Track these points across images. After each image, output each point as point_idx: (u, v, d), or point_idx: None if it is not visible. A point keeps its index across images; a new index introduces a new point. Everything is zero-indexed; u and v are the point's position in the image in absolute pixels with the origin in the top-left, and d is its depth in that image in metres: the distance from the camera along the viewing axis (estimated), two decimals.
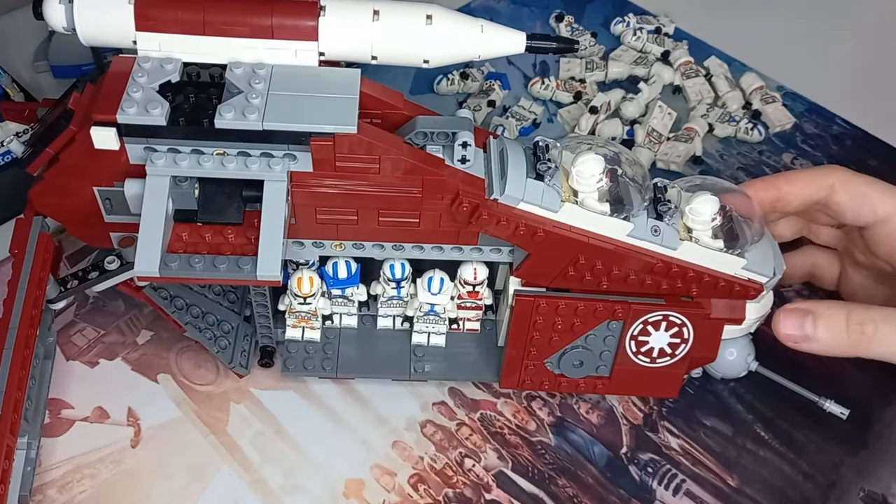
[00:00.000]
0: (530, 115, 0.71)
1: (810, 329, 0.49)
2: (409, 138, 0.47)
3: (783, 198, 0.53)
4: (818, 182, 0.53)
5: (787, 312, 0.49)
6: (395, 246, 0.49)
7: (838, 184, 0.52)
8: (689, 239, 0.48)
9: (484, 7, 0.82)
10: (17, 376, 0.45)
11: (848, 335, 0.48)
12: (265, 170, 0.44)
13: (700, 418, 0.55)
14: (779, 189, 0.53)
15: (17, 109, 0.59)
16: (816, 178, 0.53)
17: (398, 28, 0.44)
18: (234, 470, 0.51)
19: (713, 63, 0.76)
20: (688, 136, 0.70)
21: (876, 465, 0.53)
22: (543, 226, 0.46)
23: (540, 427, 0.54)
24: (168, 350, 0.56)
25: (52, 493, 0.50)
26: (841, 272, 0.58)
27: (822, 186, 0.53)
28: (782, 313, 0.49)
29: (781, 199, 0.53)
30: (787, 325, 0.49)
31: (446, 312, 0.53)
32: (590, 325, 0.50)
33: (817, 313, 0.49)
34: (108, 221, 0.48)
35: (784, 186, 0.53)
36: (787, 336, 0.49)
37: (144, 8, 0.43)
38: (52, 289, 0.50)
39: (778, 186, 0.53)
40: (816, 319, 0.49)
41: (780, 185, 0.53)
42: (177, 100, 0.44)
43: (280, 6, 0.44)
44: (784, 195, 0.53)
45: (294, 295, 0.51)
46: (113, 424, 0.53)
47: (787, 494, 0.52)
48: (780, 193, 0.53)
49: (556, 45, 0.47)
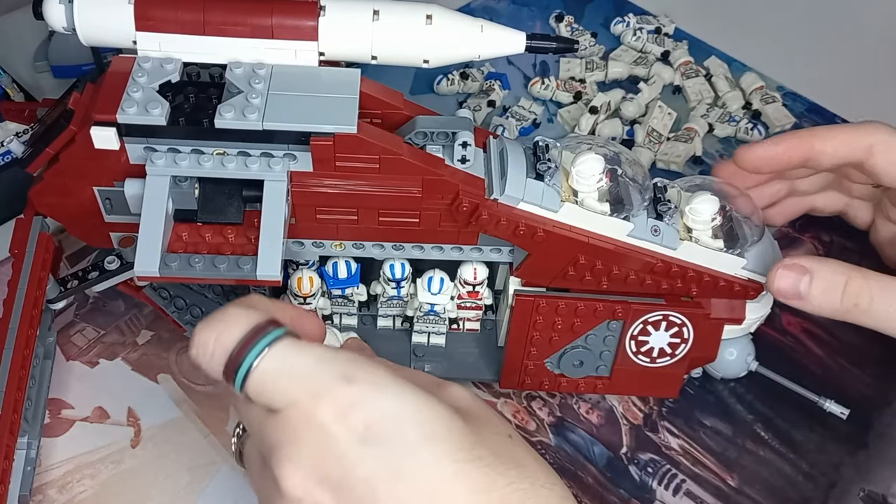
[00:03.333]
0: (530, 115, 0.71)
1: (805, 288, 0.46)
2: (409, 138, 0.47)
3: (814, 157, 0.50)
4: (855, 143, 0.50)
5: (786, 267, 0.46)
6: (395, 246, 0.49)
7: (877, 145, 0.49)
8: (689, 239, 0.48)
9: (484, 7, 0.82)
10: (17, 376, 0.46)
11: (841, 303, 0.46)
12: (265, 170, 0.44)
13: (700, 418, 0.55)
14: (811, 147, 0.50)
15: (17, 109, 0.59)
16: (854, 138, 0.50)
17: (398, 28, 0.44)
18: (234, 470, 0.51)
19: (713, 63, 0.76)
20: (688, 136, 0.70)
21: (876, 465, 0.53)
22: (543, 226, 0.46)
23: (540, 427, 0.54)
24: (168, 350, 0.56)
25: (52, 493, 0.50)
26: (872, 222, 0.56)
27: (858, 147, 0.50)
28: (780, 267, 0.46)
29: (813, 158, 0.51)
30: (783, 279, 0.46)
31: (446, 312, 0.53)
32: (590, 325, 0.50)
33: (816, 274, 0.46)
34: (108, 221, 0.48)
35: (817, 145, 0.50)
36: (779, 290, 0.47)
37: (144, 8, 0.43)
38: (52, 289, 0.50)
39: (811, 144, 0.50)
40: (814, 279, 0.46)
41: (814, 144, 0.50)
42: (177, 100, 0.44)
43: (280, 6, 0.44)
44: (816, 154, 0.50)
45: (294, 295, 0.51)
46: (113, 424, 0.53)
47: (787, 494, 0.52)
48: (812, 153, 0.50)
49: (556, 45, 0.46)
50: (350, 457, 0.35)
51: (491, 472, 0.36)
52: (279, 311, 0.40)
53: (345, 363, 0.37)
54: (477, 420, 0.38)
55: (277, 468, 0.36)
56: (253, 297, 0.40)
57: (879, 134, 0.50)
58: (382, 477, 0.35)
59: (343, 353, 0.38)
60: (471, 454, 0.36)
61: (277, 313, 0.40)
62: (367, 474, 0.35)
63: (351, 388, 0.36)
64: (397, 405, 0.36)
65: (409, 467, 0.35)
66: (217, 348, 0.37)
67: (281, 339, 0.37)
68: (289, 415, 0.36)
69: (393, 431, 0.36)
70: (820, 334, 0.59)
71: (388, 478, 0.35)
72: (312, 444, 0.36)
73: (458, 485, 0.35)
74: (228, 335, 0.37)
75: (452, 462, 0.36)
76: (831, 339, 0.59)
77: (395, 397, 0.36)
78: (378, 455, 0.35)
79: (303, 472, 0.36)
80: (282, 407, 0.37)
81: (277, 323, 0.38)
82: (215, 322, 0.38)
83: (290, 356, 0.37)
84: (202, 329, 0.38)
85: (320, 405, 0.36)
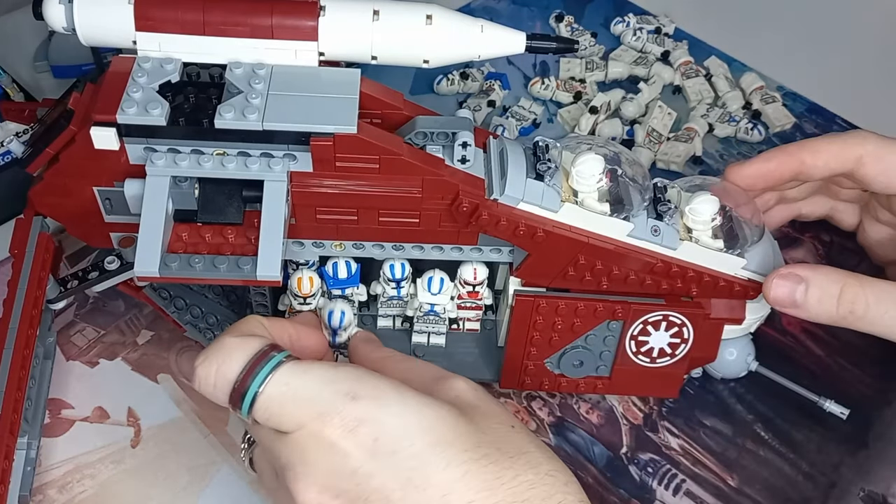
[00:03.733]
0: (530, 115, 0.71)
1: (801, 297, 0.47)
2: (409, 138, 0.47)
3: (805, 171, 0.51)
4: (845, 154, 0.50)
5: (782, 276, 0.47)
6: (394, 246, 0.49)
7: (867, 156, 0.50)
8: (689, 239, 0.48)
9: (484, 7, 0.82)
10: (16, 376, 0.45)
11: (837, 311, 0.47)
12: (265, 170, 0.44)
13: (700, 418, 0.55)
14: (802, 162, 0.51)
15: (17, 109, 0.59)
16: (843, 150, 0.51)
17: (398, 28, 0.44)
18: (234, 470, 0.51)
19: (713, 63, 0.76)
20: (688, 136, 0.70)
21: (876, 465, 0.53)
22: (543, 226, 0.46)
23: (540, 427, 0.54)
24: (168, 350, 0.56)
25: (52, 493, 0.50)
26: (860, 223, 0.57)
27: (849, 159, 0.50)
28: (777, 277, 0.47)
29: (804, 172, 0.51)
30: (779, 289, 0.47)
31: (446, 312, 0.53)
32: (590, 325, 0.50)
33: (811, 282, 0.47)
34: (108, 221, 0.48)
35: (808, 160, 0.51)
36: (776, 300, 0.47)
37: (144, 8, 0.43)
38: (52, 289, 0.50)
39: (801, 160, 0.51)
40: (809, 288, 0.47)
41: (804, 159, 0.51)
42: (177, 100, 0.44)
43: (280, 6, 0.44)
44: (807, 169, 0.51)
45: (294, 295, 0.51)
46: (113, 424, 0.53)
47: (787, 494, 0.52)
48: (804, 167, 0.51)
49: (556, 45, 0.46)
50: (362, 470, 0.37)
51: (497, 467, 0.37)
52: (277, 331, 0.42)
53: (348, 381, 0.38)
54: (479, 413, 0.39)
55: (293, 485, 0.37)
56: (249, 322, 0.41)
57: (868, 144, 0.50)
58: (395, 486, 0.36)
59: (345, 370, 0.39)
60: (476, 453, 0.37)
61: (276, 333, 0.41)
62: (380, 485, 0.36)
63: (357, 406, 0.37)
64: (402, 416, 0.37)
65: (420, 474, 0.36)
66: (219, 380, 0.39)
67: (283, 363, 0.38)
68: (298, 437, 0.38)
69: (401, 442, 0.37)
70: (820, 334, 0.59)
71: (401, 486, 0.36)
72: (324, 462, 0.37)
73: (468, 485, 0.36)
74: (229, 367, 0.38)
75: (460, 464, 0.37)
76: (831, 339, 0.59)
77: (399, 409, 0.38)
78: (389, 466, 0.37)
79: (317, 487, 0.37)
80: (290, 430, 0.38)
81: (277, 347, 0.39)
82: (214, 355, 0.39)
83: (294, 380, 0.38)
84: (201, 363, 0.39)
85: (328, 425, 0.37)
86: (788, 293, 0.47)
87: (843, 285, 0.46)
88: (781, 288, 0.47)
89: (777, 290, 0.47)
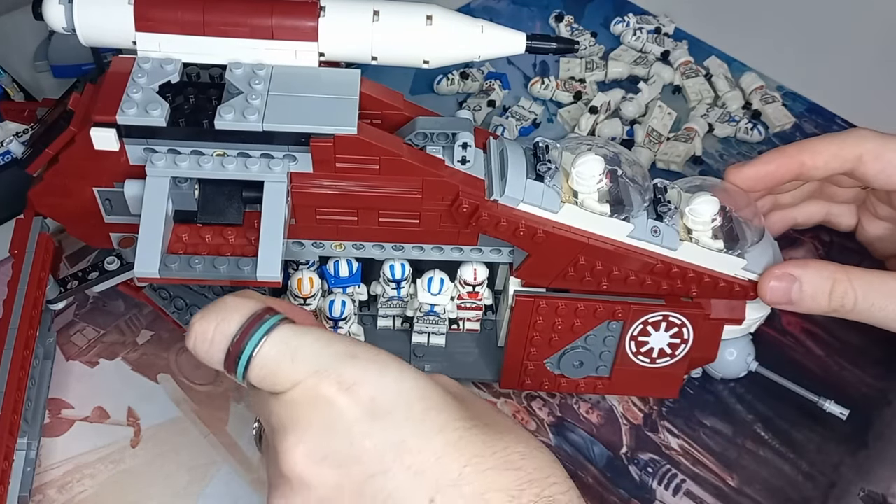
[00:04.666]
0: (530, 115, 0.71)
1: (795, 295, 0.48)
2: (409, 139, 0.47)
3: (805, 172, 0.52)
4: (844, 154, 0.51)
5: (776, 278, 0.48)
6: (395, 246, 0.49)
7: (866, 154, 0.51)
8: (689, 239, 0.48)
9: (484, 7, 0.82)
10: (16, 377, 0.46)
11: (829, 304, 0.49)
12: (265, 171, 0.44)
13: (700, 418, 0.55)
14: (802, 164, 0.52)
15: (17, 109, 0.59)
16: (842, 149, 0.51)
17: (398, 29, 0.44)
18: (234, 470, 0.51)
19: (713, 63, 0.76)
20: (688, 136, 0.70)
21: (876, 465, 0.53)
22: (543, 226, 0.46)
23: (540, 427, 0.54)
24: (168, 350, 0.56)
25: (52, 493, 0.50)
26: (859, 222, 0.58)
27: (848, 159, 0.51)
28: (772, 279, 0.48)
29: (804, 173, 0.52)
30: (774, 291, 0.49)
31: (446, 313, 0.53)
32: (590, 326, 0.50)
33: (804, 280, 0.48)
34: (107, 222, 0.48)
35: (808, 161, 0.51)
36: (772, 300, 0.49)
37: (144, 8, 0.43)
38: (52, 289, 0.50)
39: (801, 161, 0.52)
40: (802, 286, 0.48)
41: (804, 160, 0.52)
42: (177, 101, 0.44)
43: (280, 6, 0.44)
44: (807, 169, 0.52)
45: (294, 296, 0.51)
46: (113, 424, 0.53)
47: (787, 494, 0.52)
48: (803, 168, 0.52)
49: (556, 45, 0.46)
50: (357, 429, 0.36)
51: (488, 437, 0.38)
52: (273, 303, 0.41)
53: (346, 343, 0.38)
54: (465, 400, 0.40)
55: (280, 445, 0.37)
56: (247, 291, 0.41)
57: (867, 143, 0.51)
58: (390, 447, 0.36)
59: (341, 335, 0.39)
60: (468, 423, 0.38)
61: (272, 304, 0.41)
62: (375, 445, 0.36)
63: (355, 365, 0.37)
64: (399, 382, 0.37)
65: (415, 437, 0.37)
66: (217, 336, 0.38)
67: (280, 324, 0.38)
68: (293, 394, 0.37)
69: (398, 404, 0.37)
70: (820, 334, 0.59)
71: (395, 447, 0.36)
72: (318, 419, 0.36)
73: (461, 450, 0.37)
74: (228, 323, 0.38)
75: (454, 430, 0.37)
76: (831, 339, 0.59)
77: (397, 374, 0.38)
78: (385, 427, 0.36)
79: (304, 448, 0.36)
80: (286, 389, 0.37)
81: (274, 311, 0.38)
82: (213, 312, 0.38)
83: (292, 339, 0.37)
84: (200, 319, 0.38)
85: (325, 381, 0.37)
86: (783, 293, 0.49)
87: (834, 281, 0.48)
88: (776, 289, 0.49)
89: (772, 293, 0.49)
